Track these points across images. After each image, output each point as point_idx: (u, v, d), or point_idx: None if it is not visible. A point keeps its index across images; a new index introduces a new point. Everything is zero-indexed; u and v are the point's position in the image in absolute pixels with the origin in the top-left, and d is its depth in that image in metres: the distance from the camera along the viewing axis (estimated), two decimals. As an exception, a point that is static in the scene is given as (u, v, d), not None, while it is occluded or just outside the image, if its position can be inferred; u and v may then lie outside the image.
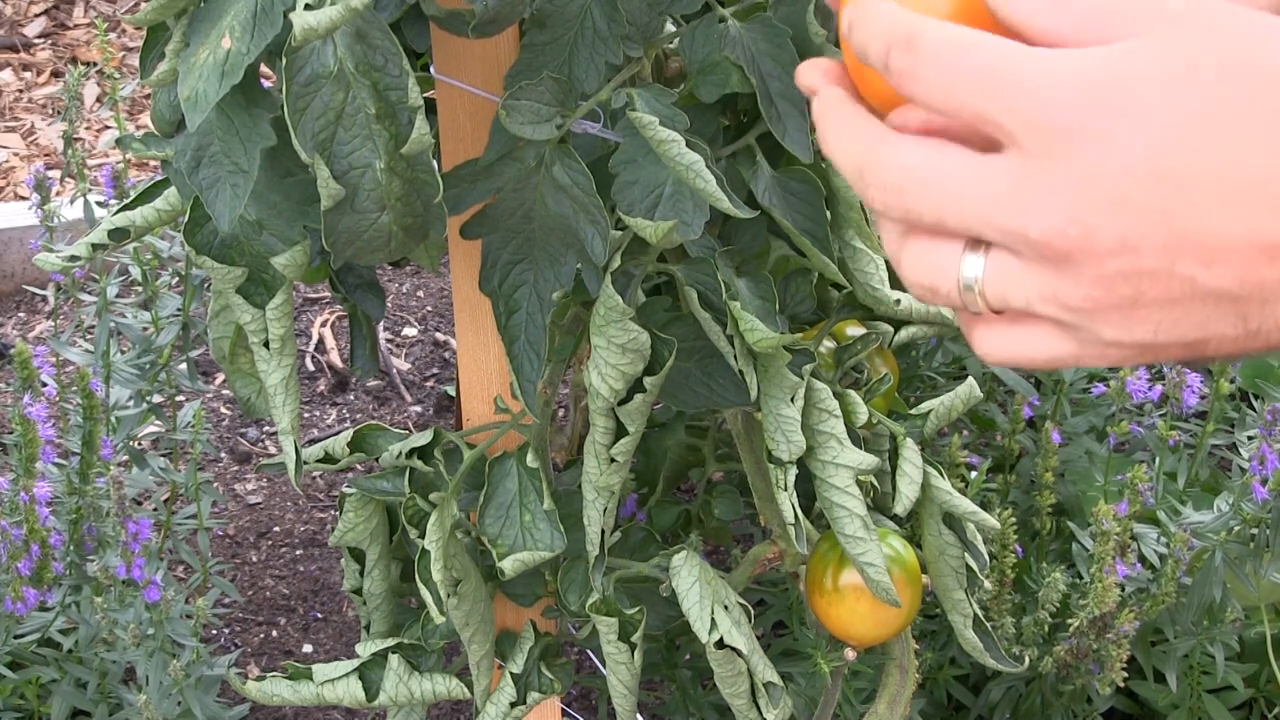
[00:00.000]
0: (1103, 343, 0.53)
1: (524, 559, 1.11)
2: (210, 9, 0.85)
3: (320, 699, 1.22)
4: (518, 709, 1.22)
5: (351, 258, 0.91)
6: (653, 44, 0.98)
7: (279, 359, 1.04)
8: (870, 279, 1.14)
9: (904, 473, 1.16)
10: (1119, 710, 1.74)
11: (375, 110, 0.87)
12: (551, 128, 0.95)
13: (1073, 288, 0.52)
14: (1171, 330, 0.52)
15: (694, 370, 1.09)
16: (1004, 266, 0.53)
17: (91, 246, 1.11)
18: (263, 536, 2.08)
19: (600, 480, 1.08)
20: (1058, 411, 1.77)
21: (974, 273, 0.54)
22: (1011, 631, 1.54)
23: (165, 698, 1.45)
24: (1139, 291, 0.51)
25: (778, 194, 1.02)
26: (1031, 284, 0.53)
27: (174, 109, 0.93)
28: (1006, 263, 0.53)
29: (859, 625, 1.19)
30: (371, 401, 2.32)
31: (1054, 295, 0.52)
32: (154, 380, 1.73)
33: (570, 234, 0.98)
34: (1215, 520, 1.54)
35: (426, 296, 2.53)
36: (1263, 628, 1.63)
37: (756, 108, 0.97)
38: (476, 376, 1.18)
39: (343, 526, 1.22)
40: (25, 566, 1.49)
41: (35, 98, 2.95)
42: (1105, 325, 0.52)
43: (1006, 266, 0.53)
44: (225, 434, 2.25)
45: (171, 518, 1.76)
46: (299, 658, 1.91)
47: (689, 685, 1.62)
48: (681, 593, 1.14)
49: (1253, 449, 1.51)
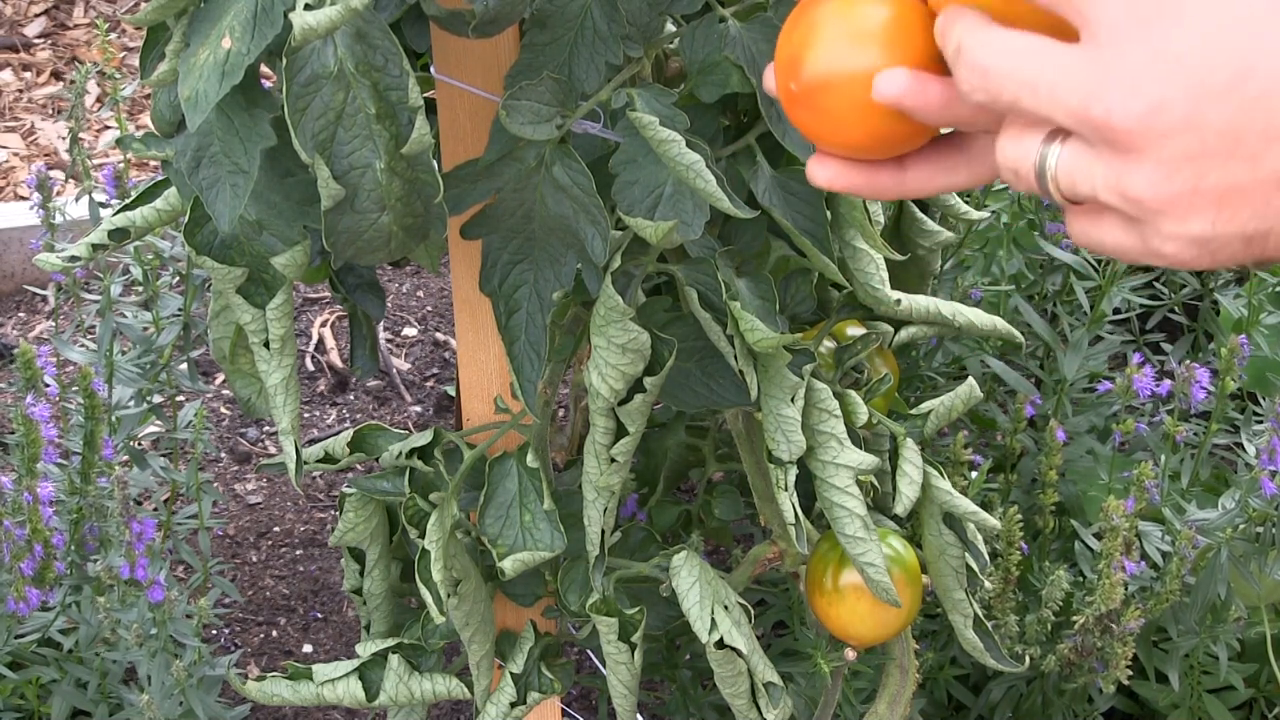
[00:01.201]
0: (1162, 235, 0.55)
1: (524, 559, 1.11)
2: (210, 9, 0.85)
3: (320, 699, 1.22)
4: (518, 709, 1.22)
5: (352, 258, 0.91)
6: (653, 44, 0.98)
7: (279, 359, 1.04)
8: (870, 279, 1.14)
9: (904, 473, 1.16)
10: (1119, 710, 1.74)
11: (375, 110, 0.87)
12: (551, 128, 0.95)
13: (1135, 174, 0.54)
14: (1230, 221, 0.54)
15: (694, 370, 1.09)
16: (1075, 156, 0.56)
17: (91, 247, 1.11)
18: (263, 536, 2.08)
19: (600, 480, 1.08)
20: (1059, 411, 1.77)
21: (1050, 161, 0.57)
22: (1015, 630, 1.54)
23: (167, 698, 1.45)
24: (1200, 175, 0.53)
25: (778, 194, 1.02)
26: (1098, 173, 0.55)
27: (174, 109, 0.93)
28: (1078, 152, 0.56)
29: (859, 625, 1.19)
30: (371, 401, 2.32)
31: (1117, 184, 0.55)
32: (155, 380, 1.73)
33: (570, 234, 0.98)
34: (1221, 517, 1.54)
35: (426, 296, 2.53)
36: (1263, 627, 1.63)
37: (756, 108, 0.97)
38: (476, 376, 1.18)
39: (343, 526, 1.22)
40: (28, 567, 1.49)
41: (35, 98, 2.95)
42: (1164, 217, 0.54)
43: (1077, 156, 0.56)
44: (225, 434, 2.25)
45: (172, 518, 1.76)
46: (299, 658, 1.91)
47: (689, 685, 1.62)
48: (681, 593, 1.14)
49: (1262, 442, 1.51)
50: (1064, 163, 0.56)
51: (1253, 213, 0.53)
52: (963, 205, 1.26)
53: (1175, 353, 2.01)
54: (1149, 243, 0.56)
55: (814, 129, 0.65)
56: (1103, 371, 1.79)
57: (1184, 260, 0.56)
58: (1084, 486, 1.76)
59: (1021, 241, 1.85)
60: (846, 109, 0.63)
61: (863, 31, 0.63)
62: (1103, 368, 1.80)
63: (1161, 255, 0.56)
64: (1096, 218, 0.57)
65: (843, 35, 0.63)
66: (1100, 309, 1.74)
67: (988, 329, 1.26)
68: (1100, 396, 1.79)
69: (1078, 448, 1.78)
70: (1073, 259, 1.76)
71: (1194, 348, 2.05)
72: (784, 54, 0.66)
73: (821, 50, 0.64)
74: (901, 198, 0.67)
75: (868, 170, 0.65)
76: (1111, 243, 0.57)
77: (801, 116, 0.66)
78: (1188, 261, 0.56)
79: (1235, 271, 2.02)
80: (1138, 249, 0.56)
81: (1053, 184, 0.57)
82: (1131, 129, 0.53)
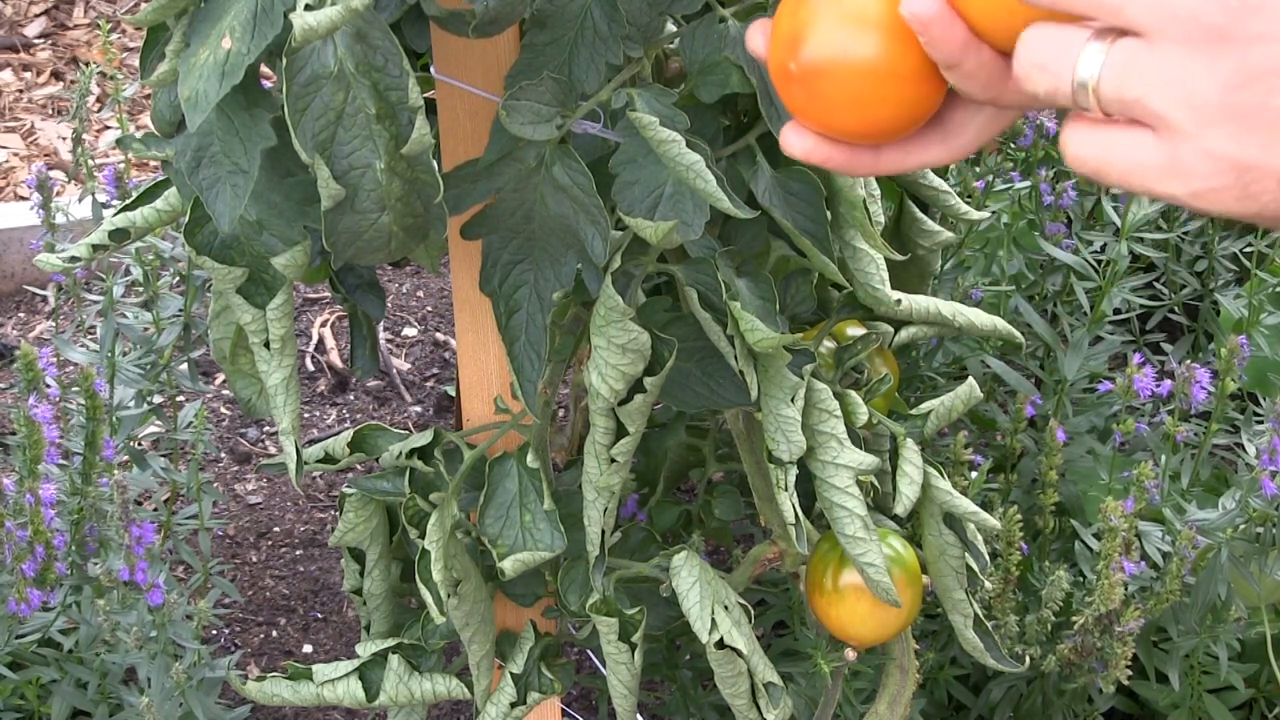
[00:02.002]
0: (1200, 152, 0.52)
1: (524, 559, 1.11)
2: (210, 9, 0.85)
3: (320, 699, 1.22)
4: (518, 709, 1.22)
5: (352, 258, 0.91)
6: (653, 44, 0.98)
7: (279, 359, 1.04)
8: (871, 279, 1.14)
9: (904, 473, 1.16)
10: (1119, 710, 1.74)
11: (375, 110, 0.87)
12: (552, 128, 0.95)
13: (1208, 74, 0.51)
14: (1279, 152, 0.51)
15: (694, 370, 1.09)
16: (1130, 54, 0.53)
17: (92, 247, 1.11)
18: (263, 537, 2.08)
19: (600, 480, 1.08)
20: (1059, 411, 1.77)
21: (1093, 61, 0.54)
22: (1015, 630, 1.54)
23: (167, 700, 1.45)
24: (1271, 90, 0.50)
25: (778, 194, 1.02)
26: (1158, 72, 0.52)
27: (174, 109, 0.93)
28: (1134, 51, 0.53)
29: (859, 625, 1.19)
30: (371, 401, 2.32)
31: (1182, 83, 0.51)
32: (155, 381, 1.73)
33: (570, 234, 0.98)
34: (1221, 518, 1.54)
35: (426, 296, 2.53)
36: (1263, 627, 1.63)
37: (757, 108, 0.97)
38: (476, 376, 1.18)
39: (343, 527, 1.22)
40: (30, 568, 1.49)
41: (35, 98, 2.95)
42: (1217, 131, 0.52)
43: (1133, 54, 0.53)
44: (225, 434, 2.25)
45: (172, 518, 1.76)
46: (299, 658, 1.91)
47: (689, 685, 1.62)
48: (682, 593, 1.14)
49: (1263, 442, 1.50)
50: (1115, 60, 0.53)
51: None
52: (963, 205, 1.26)
53: (1175, 353, 2.01)
54: (1181, 160, 0.52)
55: (807, 111, 0.64)
56: (1103, 372, 1.79)
57: (1210, 189, 0.53)
58: (1084, 487, 1.76)
59: (1022, 242, 1.85)
60: (846, 98, 0.63)
61: (871, 19, 0.62)
62: (1103, 368, 1.80)
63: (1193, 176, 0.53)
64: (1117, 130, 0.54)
65: (850, 20, 0.62)
66: (1101, 309, 1.74)
67: (988, 329, 1.26)
68: (1100, 397, 1.79)
69: (1078, 448, 1.78)
70: (1073, 259, 1.76)
71: (1194, 348, 2.05)
72: (784, 28, 0.64)
73: (826, 34, 0.62)
74: (874, 174, 0.66)
75: (846, 146, 0.64)
76: (1127, 161, 0.54)
77: (795, 96, 0.64)
78: (1212, 193, 0.53)
79: (1235, 270, 2.02)
80: (1161, 168, 0.53)
81: (1094, 84, 0.54)
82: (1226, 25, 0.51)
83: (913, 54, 0.61)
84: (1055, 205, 1.79)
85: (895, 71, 0.62)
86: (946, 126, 0.64)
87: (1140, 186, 0.54)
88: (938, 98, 0.63)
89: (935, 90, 0.63)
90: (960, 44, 0.60)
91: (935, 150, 0.64)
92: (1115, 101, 0.54)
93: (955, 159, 0.65)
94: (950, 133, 0.64)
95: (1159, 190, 0.54)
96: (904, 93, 0.62)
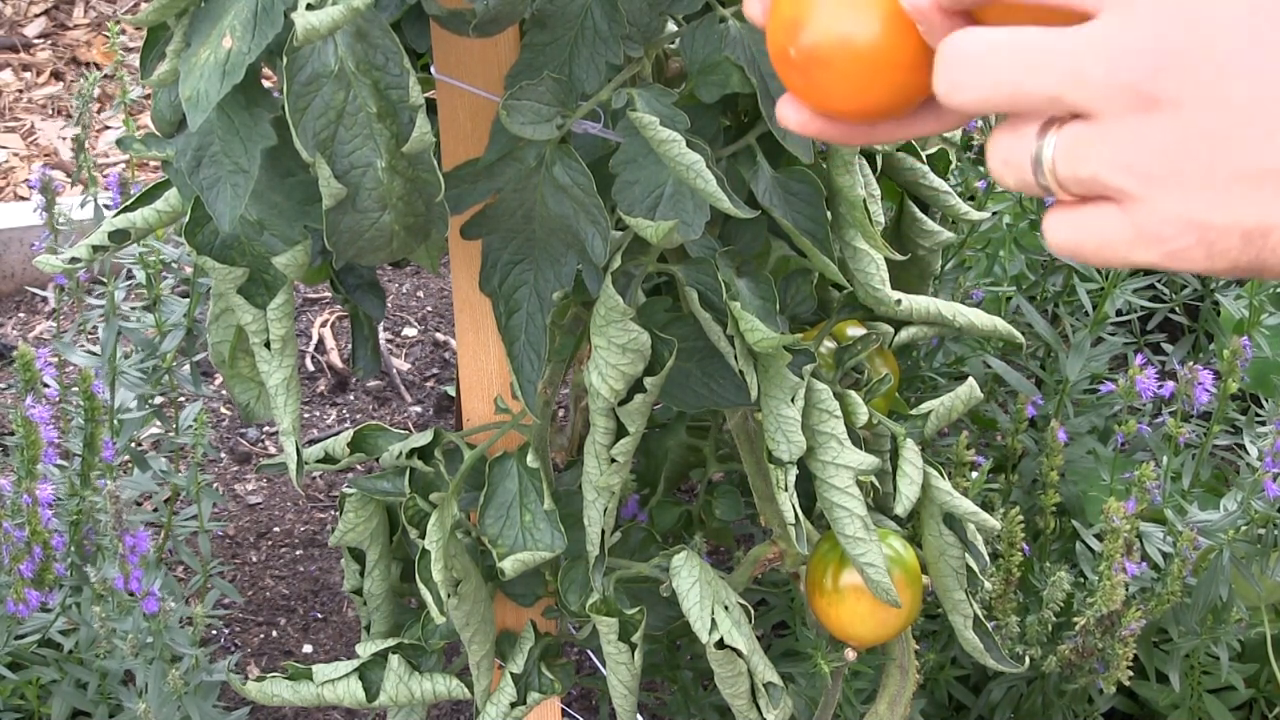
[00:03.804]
0: (1159, 217, 0.53)
1: (524, 559, 1.11)
2: (211, 9, 0.85)
3: (320, 699, 1.22)
4: (518, 709, 1.22)
5: (354, 257, 0.91)
6: (653, 44, 0.98)
7: (280, 359, 1.04)
8: (871, 279, 1.13)
9: (904, 473, 1.16)
10: (1119, 710, 1.74)
11: (376, 109, 0.87)
12: (552, 128, 0.95)
13: (1149, 141, 0.53)
14: (1233, 208, 0.52)
15: (694, 370, 1.09)
16: (1076, 135, 0.55)
17: (92, 248, 1.11)
18: (263, 537, 2.08)
19: (600, 480, 1.08)
20: (1060, 411, 1.77)
21: (1048, 149, 0.56)
22: (1015, 631, 1.54)
23: (165, 704, 1.45)
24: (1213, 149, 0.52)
25: (778, 194, 1.02)
26: (1104, 149, 0.54)
27: (175, 109, 0.93)
28: (1080, 131, 0.55)
29: (859, 626, 1.19)
30: (371, 401, 2.32)
31: (1127, 153, 0.53)
32: (157, 384, 1.73)
33: (571, 234, 0.98)
34: (1223, 519, 1.54)
35: (426, 296, 2.53)
36: (1263, 628, 1.63)
37: (757, 108, 0.97)
38: (476, 376, 1.18)
39: (343, 527, 1.22)
40: (28, 569, 1.49)
41: (35, 98, 2.95)
42: (1169, 192, 0.53)
43: (1079, 135, 0.55)
44: (225, 434, 2.25)
45: (172, 519, 1.76)
46: (299, 658, 1.91)
47: (690, 686, 1.62)
48: (682, 593, 1.14)
49: (1265, 445, 1.50)
50: (1064, 144, 0.55)
51: (1256, 203, 0.52)
52: (963, 205, 1.26)
53: (1176, 353, 2.01)
54: (1144, 228, 0.54)
55: (806, 94, 0.65)
56: (1104, 373, 1.79)
57: (1178, 250, 0.54)
58: (1085, 487, 1.76)
59: (1023, 242, 1.84)
60: (846, 85, 0.63)
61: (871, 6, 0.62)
62: (1104, 368, 1.80)
63: (1157, 241, 0.54)
64: (1085, 209, 0.56)
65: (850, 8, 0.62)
66: (1103, 310, 1.74)
67: (988, 329, 1.26)
68: (1101, 397, 1.79)
69: (1079, 448, 1.78)
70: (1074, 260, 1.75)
71: (1195, 348, 2.05)
72: (784, 11, 0.64)
73: (826, 21, 0.62)
74: (869, 144, 0.66)
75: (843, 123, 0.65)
76: (1097, 237, 0.56)
77: (794, 80, 0.64)
78: (1181, 253, 0.54)
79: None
80: (1128, 239, 0.55)
81: (1050, 169, 0.56)
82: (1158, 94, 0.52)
83: (911, 41, 0.62)
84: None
85: (895, 59, 0.62)
86: None
87: (1116, 259, 0.56)
88: None
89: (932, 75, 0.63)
90: None
91: (930, 123, 0.65)
92: (1073, 181, 0.56)
93: (951, 129, 0.66)
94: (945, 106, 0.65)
95: (1133, 259, 0.56)
96: (903, 79, 0.63)
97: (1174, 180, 0.53)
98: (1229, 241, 0.53)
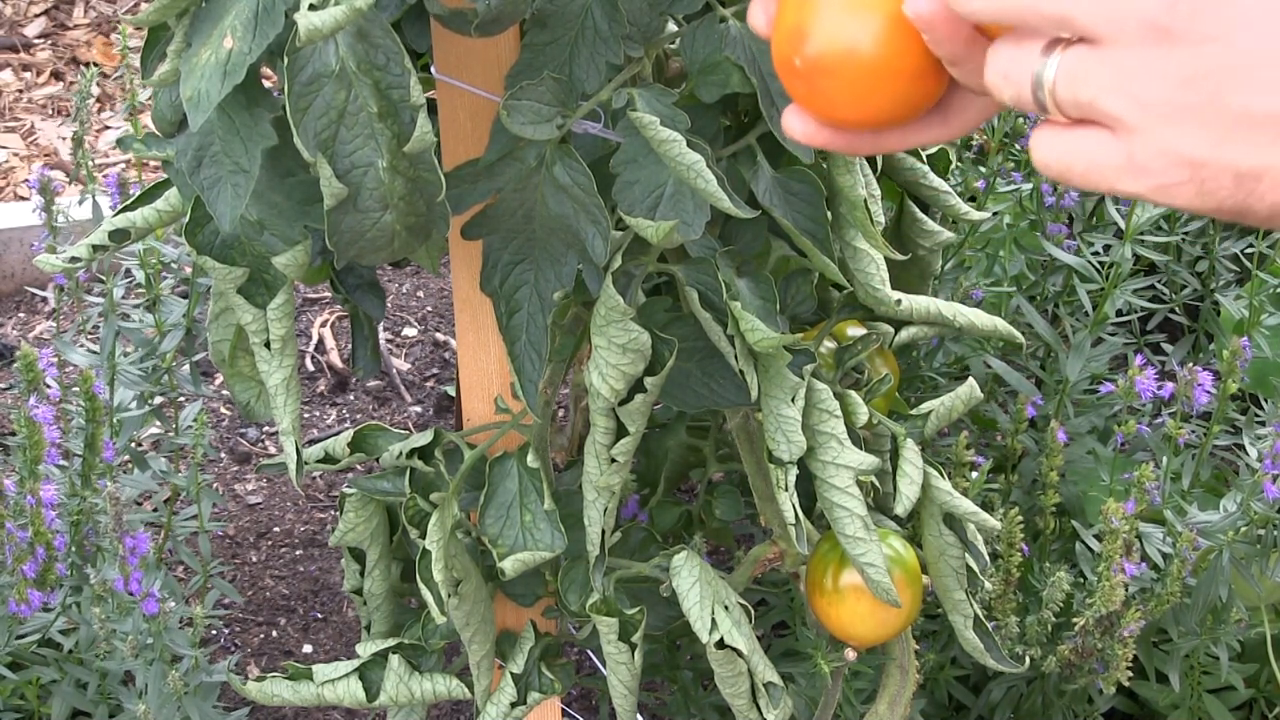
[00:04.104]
0: (1153, 149, 0.53)
1: (524, 559, 1.11)
2: (212, 9, 0.85)
3: (320, 699, 1.22)
4: (518, 709, 1.22)
5: (355, 257, 0.91)
6: (653, 44, 0.98)
7: (280, 359, 1.04)
8: (871, 279, 1.13)
9: (904, 473, 1.16)
10: (1119, 710, 1.74)
11: (377, 109, 0.87)
12: (552, 128, 0.95)
13: (1156, 74, 0.53)
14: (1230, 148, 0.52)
15: (694, 370, 1.09)
16: (1081, 59, 0.55)
17: (92, 248, 1.11)
18: (263, 537, 2.08)
19: (601, 480, 1.08)
20: (1060, 412, 1.77)
21: (1050, 68, 0.56)
22: (1015, 631, 1.54)
23: (165, 705, 1.45)
24: (1218, 88, 0.52)
25: (778, 194, 1.02)
26: (1106, 74, 0.54)
27: (175, 109, 0.93)
28: (1084, 56, 0.55)
29: (859, 625, 1.19)
30: (371, 401, 2.32)
31: (1132, 82, 0.53)
32: (157, 383, 1.73)
33: (571, 234, 0.98)
34: (1222, 520, 1.54)
35: (426, 296, 2.53)
36: (1262, 628, 1.63)
37: (757, 108, 0.97)
38: (476, 376, 1.18)
39: (343, 527, 1.22)
40: (30, 569, 1.49)
41: (35, 98, 2.95)
42: (1168, 125, 0.53)
43: (1084, 59, 0.55)
44: (225, 434, 2.25)
45: (172, 519, 1.76)
46: (299, 658, 1.91)
47: (690, 686, 1.62)
48: (682, 593, 1.14)
49: (1265, 446, 1.50)
50: (1066, 66, 0.55)
51: (1256, 146, 0.52)
52: (963, 206, 1.26)
53: (1176, 354, 2.01)
54: (1137, 158, 0.54)
55: (811, 103, 0.65)
56: (1104, 373, 1.79)
57: (1167, 184, 0.54)
58: (1085, 487, 1.76)
59: (1023, 242, 1.85)
60: (851, 94, 0.63)
61: (875, 16, 0.62)
62: (1104, 369, 1.80)
63: (1147, 173, 0.54)
64: (1078, 131, 0.56)
65: (855, 18, 0.62)
66: (1103, 310, 1.74)
67: (988, 330, 1.26)
68: (1101, 398, 1.79)
69: (1079, 449, 1.78)
70: (1075, 260, 1.76)
71: (1194, 349, 2.05)
72: (789, 20, 0.64)
73: (831, 31, 0.62)
74: (875, 153, 0.66)
75: (848, 132, 0.65)
76: (1086, 160, 0.56)
77: (799, 89, 0.65)
78: (1171, 188, 0.54)
79: (1236, 271, 2.02)
80: (1118, 166, 0.55)
81: (1050, 89, 0.56)
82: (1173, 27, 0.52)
83: (916, 51, 0.62)
84: (1057, 206, 1.79)
85: (899, 69, 0.62)
86: (948, 109, 0.65)
87: (1102, 185, 0.56)
88: (941, 90, 0.64)
89: (938, 84, 0.63)
90: (964, 41, 0.61)
91: (936, 131, 0.65)
92: (1071, 104, 0.56)
93: (956, 137, 0.67)
94: (952, 114, 0.65)
95: (1120, 188, 0.55)
96: (908, 89, 0.63)
97: (1175, 114, 0.53)
98: (1220, 181, 0.53)
